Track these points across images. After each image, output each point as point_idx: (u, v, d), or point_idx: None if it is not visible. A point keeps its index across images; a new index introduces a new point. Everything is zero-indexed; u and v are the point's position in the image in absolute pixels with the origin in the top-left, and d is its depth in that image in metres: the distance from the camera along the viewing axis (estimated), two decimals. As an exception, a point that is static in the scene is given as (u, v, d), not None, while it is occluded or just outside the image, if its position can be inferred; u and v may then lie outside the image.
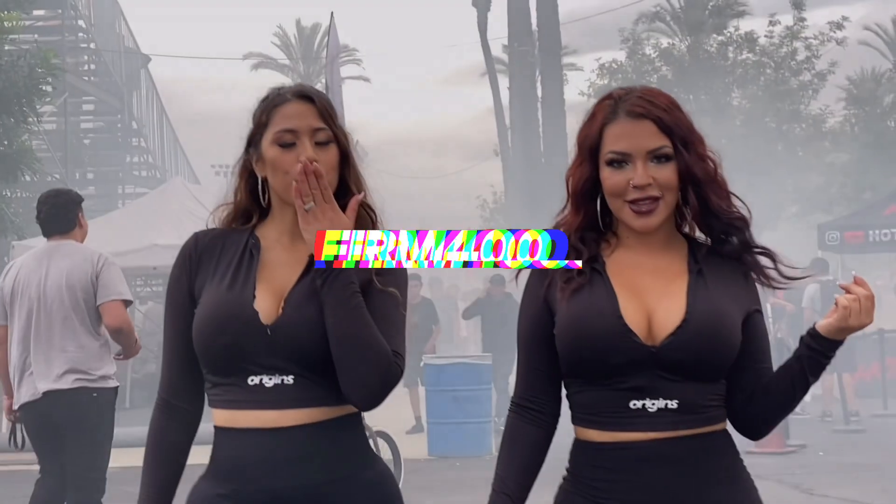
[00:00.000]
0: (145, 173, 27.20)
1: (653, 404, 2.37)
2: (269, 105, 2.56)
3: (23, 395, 6.05)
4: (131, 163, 26.51)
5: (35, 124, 17.25)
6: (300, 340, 2.45)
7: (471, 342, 24.17)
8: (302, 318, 2.46)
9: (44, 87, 15.89)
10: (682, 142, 2.40)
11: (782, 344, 13.70)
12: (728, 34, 30.42)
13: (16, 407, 6.12)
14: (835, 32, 29.22)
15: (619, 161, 2.41)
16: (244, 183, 2.61)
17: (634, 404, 2.38)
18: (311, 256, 2.46)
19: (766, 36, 29.81)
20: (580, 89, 32.38)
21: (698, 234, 2.52)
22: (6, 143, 15.71)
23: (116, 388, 6.19)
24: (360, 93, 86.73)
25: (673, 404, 2.37)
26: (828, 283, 15.34)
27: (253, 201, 2.61)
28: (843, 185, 29.59)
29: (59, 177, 21.20)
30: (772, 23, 29.70)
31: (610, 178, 2.42)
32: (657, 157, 2.40)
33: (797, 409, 13.06)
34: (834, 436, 13.77)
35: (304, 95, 2.55)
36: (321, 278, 2.41)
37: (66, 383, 5.95)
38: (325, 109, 2.54)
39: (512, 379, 2.67)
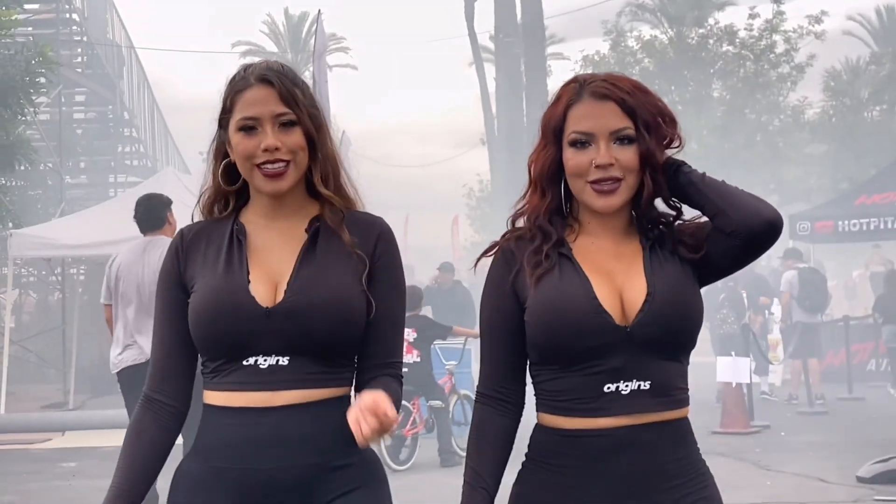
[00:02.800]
0: (136, 163, 27.59)
1: (626, 386, 2.36)
2: (233, 90, 2.55)
3: (125, 360, 7.23)
4: (123, 152, 26.90)
5: (31, 115, 17.70)
6: (300, 324, 2.44)
7: None
8: (304, 302, 2.45)
9: (40, 80, 16.40)
10: (645, 125, 2.40)
11: (748, 329, 14.26)
12: (708, 27, 30.96)
13: (116, 371, 7.34)
14: (813, 26, 29.75)
15: (583, 142, 2.41)
16: (218, 164, 2.60)
17: (608, 388, 2.36)
18: (306, 238, 2.53)
19: (745, 29, 30.35)
20: (564, 80, 32.81)
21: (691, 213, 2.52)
22: (3, 134, 16.20)
23: None
24: (347, 81, 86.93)
25: (646, 385, 2.36)
26: (804, 270, 15.96)
27: (230, 183, 2.60)
28: (821, 176, 30.15)
29: (53, 165, 21.66)
30: (751, 16, 30.23)
31: (573, 158, 2.42)
32: (620, 138, 2.39)
33: (766, 389, 13.64)
34: (798, 417, 14.27)
35: (266, 80, 2.52)
36: None
37: None
38: (286, 92, 2.51)
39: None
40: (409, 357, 10.56)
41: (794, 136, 30.70)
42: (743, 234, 2.39)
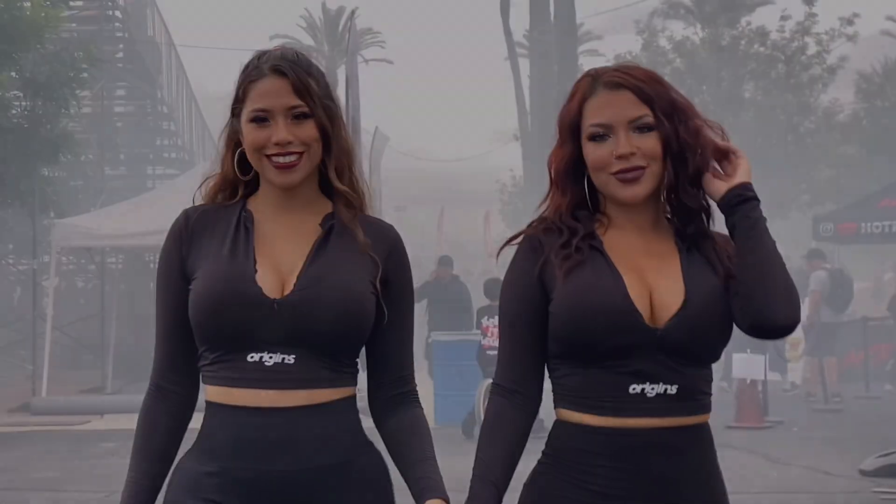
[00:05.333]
0: (174, 155, 28.16)
1: (652, 389, 2.28)
2: (246, 79, 2.48)
3: None
4: (161, 145, 27.47)
5: (74, 109, 18.27)
6: (308, 318, 2.37)
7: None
8: (313, 295, 2.39)
9: (83, 76, 16.98)
10: (664, 112, 2.33)
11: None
12: (740, 28, 31.13)
13: None
14: (845, 28, 29.87)
15: (601, 134, 2.33)
16: (231, 153, 2.54)
17: (633, 388, 2.28)
18: (320, 233, 2.48)
19: (777, 31, 30.50)
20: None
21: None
22: (48, 127, 16.78)
23: None
24: (382, 75, 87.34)
25: (672, 390, 2.29)
26: (833, 271, 16.38)
27: (240, 172, 2.54)
28: (853, 177, 30.22)
29: (94, 157, 22.26)
30: (783, 17, 30.39)
31: (593, 152, 2.34)
32: (639, 127, 2.32)
33: (787, 387, 14.13)
34: (812, 414, 14.55)
35: (280, 70, 2.45)
36: None
37: None
38: (300, 83, 2.44)
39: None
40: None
41: (826, 138, 30.79)
42: (753, 323, 2.32)
